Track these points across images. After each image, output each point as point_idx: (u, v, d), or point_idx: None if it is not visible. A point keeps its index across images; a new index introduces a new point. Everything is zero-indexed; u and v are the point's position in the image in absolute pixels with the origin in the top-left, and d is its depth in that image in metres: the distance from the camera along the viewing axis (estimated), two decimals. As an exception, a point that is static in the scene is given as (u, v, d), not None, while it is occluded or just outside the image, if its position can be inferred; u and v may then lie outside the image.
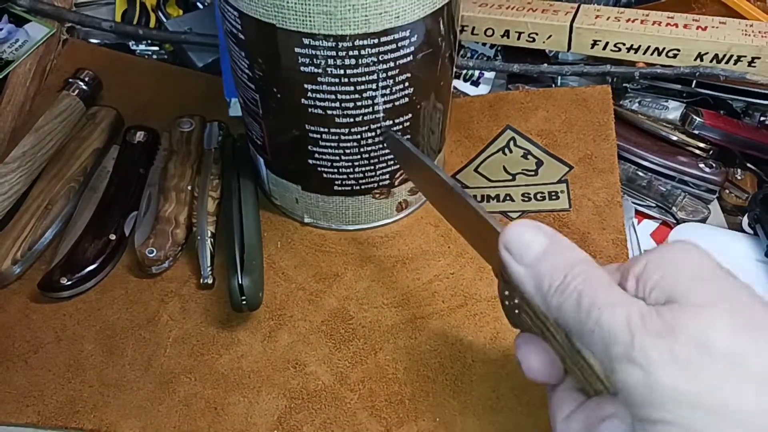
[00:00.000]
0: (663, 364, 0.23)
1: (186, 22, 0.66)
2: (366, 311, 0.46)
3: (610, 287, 0.27)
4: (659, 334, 0.24)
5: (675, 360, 0.23)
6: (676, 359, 0.23)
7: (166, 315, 0.46)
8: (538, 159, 0.55)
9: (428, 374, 0.42)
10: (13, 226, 0.48)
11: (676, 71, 0.56)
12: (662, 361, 0.23)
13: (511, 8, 0.61)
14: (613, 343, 0.25)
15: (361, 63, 0.38)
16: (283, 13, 0.36)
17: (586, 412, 0.28)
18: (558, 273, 0.27)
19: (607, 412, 0.26)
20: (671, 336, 0.23)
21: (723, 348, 0.23)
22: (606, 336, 0.25)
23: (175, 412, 0.41)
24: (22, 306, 0.46)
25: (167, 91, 0.62)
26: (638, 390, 0.24)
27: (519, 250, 0.29)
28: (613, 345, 0.25)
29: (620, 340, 0.24)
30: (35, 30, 0.63)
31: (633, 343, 0.24)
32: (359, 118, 0.42)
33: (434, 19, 0.39)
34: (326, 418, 0.41)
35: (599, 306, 0.25)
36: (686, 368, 0.23)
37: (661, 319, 0.24)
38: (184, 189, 0.50)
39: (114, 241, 0.48)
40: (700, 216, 0.53)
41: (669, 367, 0.23)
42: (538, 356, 0.30)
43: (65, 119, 0.55)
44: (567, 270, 0.27)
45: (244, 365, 0.43)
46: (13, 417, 0.41)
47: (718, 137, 0.56)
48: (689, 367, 0.23)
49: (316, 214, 0.50)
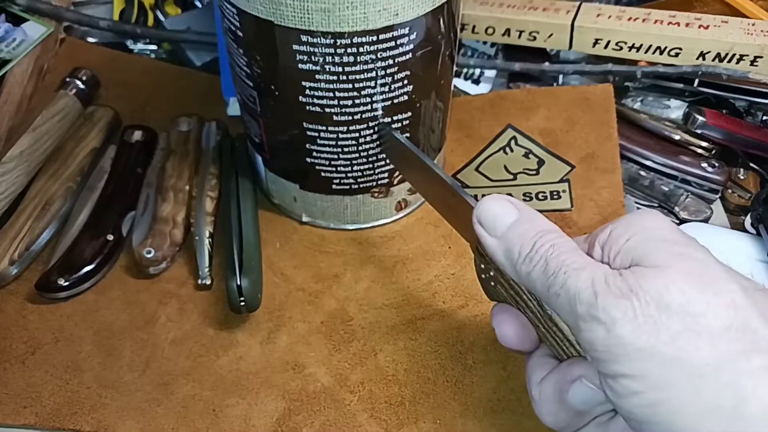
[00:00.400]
0: (624, 322, 0.25)
1: (184, 20, 0.65)
2: (366, 312, 0.45)
3: (576, 253, 0.28)
4: (622, 294, 0.25)
5: (635, 317, 0.25)
6: (636, 317, 0.25)
7: (164, 316, 0.45)
8: (539, 158, 0.54)
9: (429, 376, 0.42)
10: (10, 226, 0.47)
11: (678, 70, 0.56)
12: (624, 319, 0.25)
13: (513, 7, 0.60)
14: (578, 304, 0.26)
15: (360, 60, 0.38)
16: (281, 10, 0.36)
17: (557, 375, 0.30)
18: (527, 242, 0.29)
19: (576, 374, 0.28)
20: (633, 296, 0.25)
21: (679, 305, 0.24)
22: (571, 298, 0.27)
23: (173, 414, 0.40)
24: (20, 307, 0.46)
25: (165, 91, 0.61)
26: (601, 346, 0.26)
27: (491, 222, 0.31)
28: (577, 305, 0.26)
29: (584, 300, 0.26)
30: (32, 29, 0.62)
31: (597, 303, 0.26)
32: (358, 116, 0.42)
33: (434, 17, 0.39)
34: (326, 419, 0.40)
35: (565, 270, 0.27)
36: (645, 324, 0.25)
37: (623, 281, 0.26)
38: (182, 189, 0.50)
39: (112, 242, 0.47)
40: (703, 216, 0.53)
41: (630, 324, 0.25)
42: (512, 325, 0.32)
43: (63, 119, 0.54)
44: (536, 239, 0.29)
45: (243, 367, 0.43)
46: (11, 418, 0.40)
47: (720, 137, 0.55)
48: (648, 324, 0.24)
49: (315, 213, 0.50)
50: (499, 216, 0.31)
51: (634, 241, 0.27)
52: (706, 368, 0.24)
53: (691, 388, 0.24)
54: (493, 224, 0.31)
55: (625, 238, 0.28)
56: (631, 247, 0.27)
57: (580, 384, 0.28)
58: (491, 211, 0.31)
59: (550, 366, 0.31)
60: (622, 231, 0.28)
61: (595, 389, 0.28)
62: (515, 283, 0.31)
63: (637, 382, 0.25)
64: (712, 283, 0.25)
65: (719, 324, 0.24)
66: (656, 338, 0.24)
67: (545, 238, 0.29)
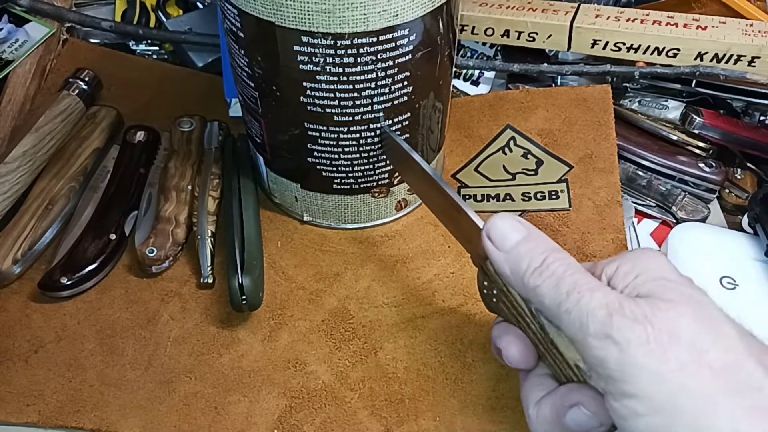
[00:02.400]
0: (638, 345, 0.26)
1: (186, 21, 0.66)
2: (366, 310, 0.46)
3: (588, 275, 0.30)
4: (636, 319, 0.27)
5: (648, 342, 0.26)
6: (648, 342, 0.26)
7: (167, 314, 0.46)
8: (538, 158, 0.55)
9: (428, 373, 0.42)
10: (13, 225, 0.48)
11: (676, 71, 0.56)
12: (637, 342, 0.26)
13: (511, 8, 0.61)
14: (590, 322, 0.27)
15: (360, 61, 0.38)
16: (282, 11, 0.36)
17: (555, 399, 0.31)
18: (537, 256, 0.31)
19: (575, 400, 0.30)
20: (647, 323, 0.27)
21: (688, 339, 0.26)
22: (583, 315, 0.28)
23: (175, 412, 0.41)
24: (23, 305, 0.46)
25: (167, 91, 0.62)
26: (614, 365, 0.27)
27: (500, 237, 0.32)
28: (590, 323, 0.28)
29: (598, 319, 0.27)
30: (35, 30, 0.63)
31: (612, 323, 0.27)
32: (358, 116, 0.42)
33: (433, 18, 0.39)
34: (326, 417, 0.40)
35: (579, 289, 0.28)
36: (657, 351, 0.26)
37: (638, 307, 0.27)
38: (184, 188, 0.50)
39: (114, 241, 0.48)
40: (700, 215, 0.53)
41: (643, 348, 0.26)
42: (518, 346, 0.33)
43: (65, 119, 0.55)
44: (546, 254, 0.30)
45: (245, 364, 0.43)
46: (14, 416, 0.41)
47: (718, 137, 0.56)
48: (660, 350, 0.26)
49: (316, 213, 0.50)
50: (508, 232, 0.32)
51: (642, 278, 0.29)
52: (707, 399, 0.25)
53: (693, 416, 0.25)
54: (502, 240, 0.32)
55: (633, 275, 0.29)
56: (641, 283, 0.29)
57: (578, 410, 0.29)
58: (501, 228, 0.32)
59: (548, 387, 0.32)
60: (629, 268, 0.30)
61: (592, 416, 0.29)
62: (518, 304, 0.32)
63: (642, 404, 0.26)
64: (715, 326, 0.27)
65: (720, 362, 0.26)
66: (666, 365, 0.26)
67: (555, 255, 0.30)
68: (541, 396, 0.32)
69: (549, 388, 0.32)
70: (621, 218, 0.50)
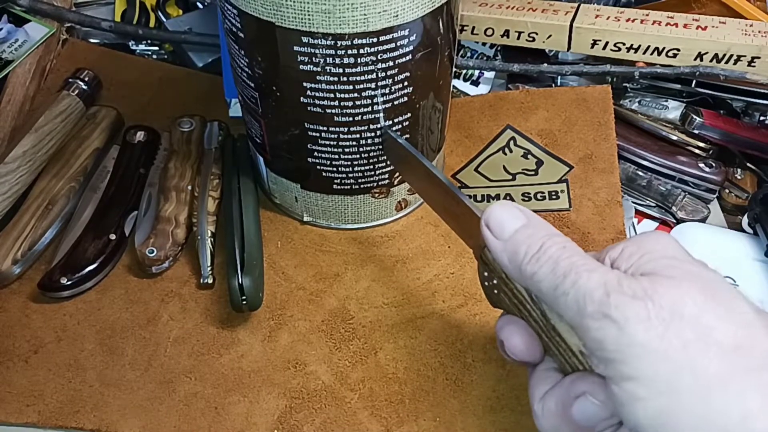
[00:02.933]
0: (637, 322, 0.25)
1: (186, 22, 0.66)
2: (366, 311, 0.46)
3: (586, 257, 0.28)
4: (635, 296, 0.25)
5: (648, 318, 0.25)
6: (649, 318, 0.25)
7: (167, 315, 0.46)
8: (538, 159, 0.55)
9: (428, 374, 0.42)
10: (13, 225, 0.48)
11: (676, 71, 0.56)
12: (637, 319, 0.25)
13: (511, 8, 0.61)
14: (588, 302, 0.26)
15: (360, 62, 0.39)
16: (282, 11, 0.36)
17: (560, 391, 0.29)
18: (535, 242, 0.29)
19: (581, 389, 0.28)
20: (647, 299, 0.25)
21: (693, 316, 0.25)
22: (581, 297, 0.26)
23: (175, 412, 0.41)
24: (23, 306, 0.46)
25: (167, 91, 0.62)
26: (612, 345, 0.25)
27: (498, 226, 0.31)
28: (587, 304, 0.26)
29: (596, 299, 0.26)
30: (35, 30, 0.63)
31: (609, 302, 0.25)
32: (358, 117, 0.42)
33: (433, 19, 0.39)
34: (326, 417, 0.41)
35: (576, 271, 0.27)
36: (658, 327, 0.24)
37: (638, 284, 0.26)
38: (184, 189, 0.50)
39: (114, 241, 0.48)
40: (700, 215, 0.53)
41: (643, 325, 0.25)
42: (521, 336, 0.31)
43: (65, 119, 0.55)
44: (544, 240, 0.29)
45: (245, 365, 0.43)
46: (14, 417, 0.41)
47: (717, 137, 0.56)
48: (661, 327, 0.24)
49: (316, 213, 0.50)
50: (506, 220, 0.31)
51: (647, 258, 0.28)
52: (715, 380, 0.23)
53: (699, 398, 0.24)
54: (500, 228, 0.31)
55: (638, 255, 0.28)
56: (644, 262, 0.27)
57: (585, 400, 0.28)
58: (499, 216, 0.31)
59: (554, 380, 0.30)
60: (635, 249, 0.28)
61: (600, 405, 0.27)
62: (518, 292, 0.31)
63: (643, 387, 0.25)
64: (724, 301, 0.25)
65: (729, 339, 0.24)
66: (668, 342, 0.24)
67: (554, 240, 0.29)
68: (546, 390, 0.30)
69: (555, 381, 0.30)
70: (621, 218, 0.50)
